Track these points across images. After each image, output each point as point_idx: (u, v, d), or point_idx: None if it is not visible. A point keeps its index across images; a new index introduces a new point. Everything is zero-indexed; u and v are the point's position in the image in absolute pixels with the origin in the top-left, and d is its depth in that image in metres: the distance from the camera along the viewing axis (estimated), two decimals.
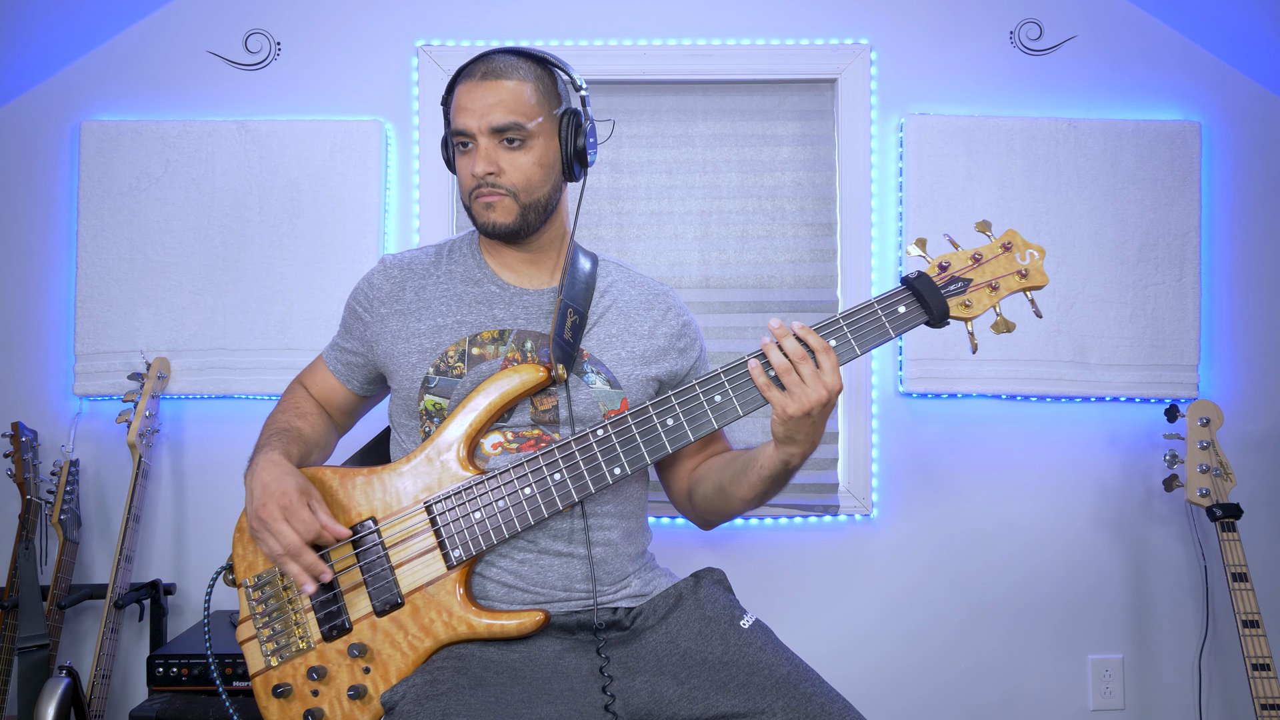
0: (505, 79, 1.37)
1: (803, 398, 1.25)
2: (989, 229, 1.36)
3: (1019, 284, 1.35)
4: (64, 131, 2.30)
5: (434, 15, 2.32)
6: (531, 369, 1.37)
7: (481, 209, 1.40)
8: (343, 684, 1.32)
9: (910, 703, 2.32)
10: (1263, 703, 1.94)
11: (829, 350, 1.26)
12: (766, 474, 1.35)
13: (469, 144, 1.39)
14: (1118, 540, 2.35)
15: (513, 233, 1.41)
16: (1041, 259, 1.35)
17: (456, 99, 1.40)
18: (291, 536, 1.26)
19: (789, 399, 1.25)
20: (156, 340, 2.24)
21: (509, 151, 1.38)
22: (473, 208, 1.41)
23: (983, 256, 1.35)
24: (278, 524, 1.26)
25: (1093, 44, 2.35)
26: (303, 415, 1.51)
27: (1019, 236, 1.36)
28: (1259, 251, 2.36)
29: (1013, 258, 1.35)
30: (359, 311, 1.49)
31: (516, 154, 1.38)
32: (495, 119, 1.36)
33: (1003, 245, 1.35)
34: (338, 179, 2.26)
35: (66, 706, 1.72)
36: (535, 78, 1.40)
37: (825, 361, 1.26)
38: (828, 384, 1.25)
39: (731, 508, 1.46)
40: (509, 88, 1.37)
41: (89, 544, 2.29)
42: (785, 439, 1.29)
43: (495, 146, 1.37)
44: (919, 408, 2.35)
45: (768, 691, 1.26)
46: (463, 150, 1.41)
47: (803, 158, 2.34)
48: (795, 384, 1.25)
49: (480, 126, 1.37)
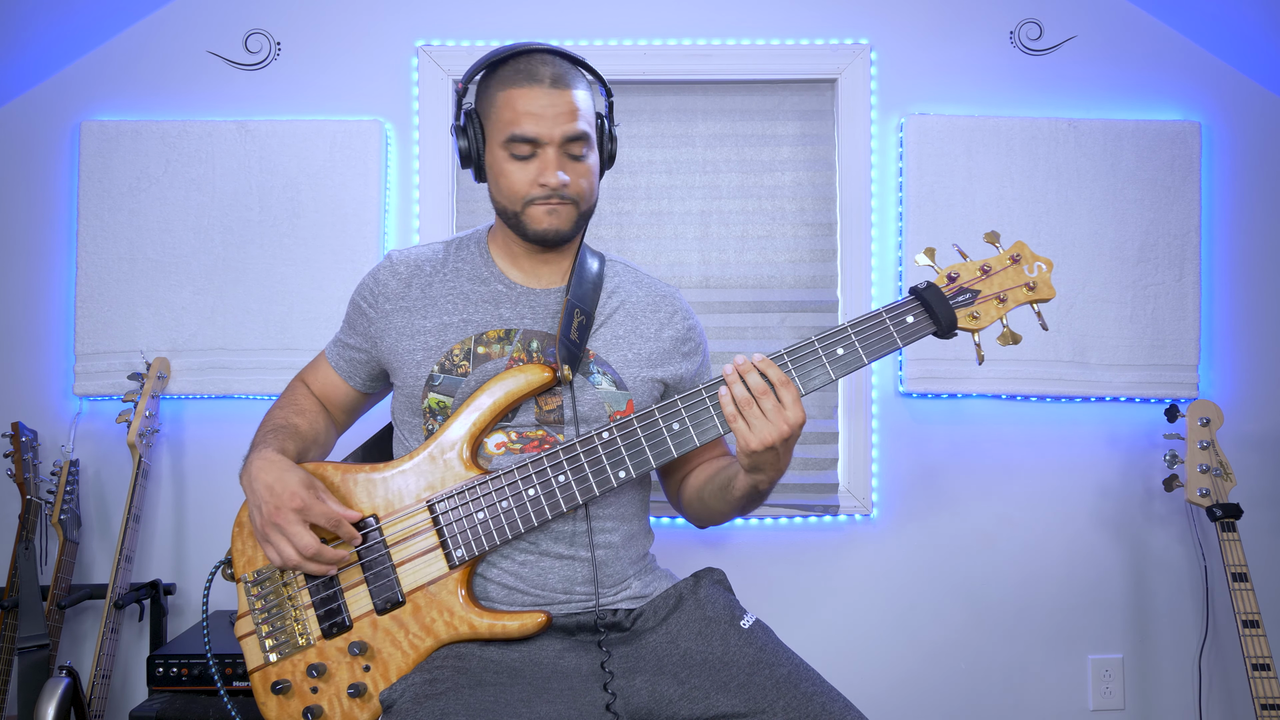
0: (573, 88, 1.36)
1: (764, 432, 1.24)
2: (998, 240, 1.36)
3: (1027, 296, 1.35)
4: (64, 131, 2.30)
5: (434, 15, 2.32)
6: (537, 369, 1.37)
7: (541, 215, 1.37)
8: (342, 681, 1.32)
9: (910, 703, 2.32)
10: (1263, 703, 1.94)
11: (788, 384, 1.26)
12: (739, 495, 1.37)
13: (532, 152, 1.35)
14: (1118, 540, 2.35)
15: (565, 240, 1.41)
16: (1049, 271, 1.35)
17: (515, 102, 1.34)
18: (309, 539, 1.25)
19: (751, 434, 1.25)
20: (156, 340, 2.24)
21: (573, 161, 1.37)
22: (525, 214, 1.38)
23: (991, 268, 1.35)
24: (294, 526, 1.25)
25: (1093, 44, 2.35)
26: (301, 412, 1.49)
27: (1027, 248, 1.36)
28: (1259, 251, 2.37)
29: (1021, 270, 1.35)
30: (364, 307, 1.48)
31: (579, 163, 1.38)
32: (569, 128, 1.35)
33: (1011, 257, 1.36)
34: (338, 179, 2.26)
35: (66, 706, 1.72)
36: (588, 85, 1.41)
37: (786, 395, 1.25)
38: (789, 419, 1.25)
39: (713, 519, 1.50)
40: (579, 97, 1.36)
41: (89, 544, 2.29)
42: (751, 469, 1.30)
43: (561, 155, 1.36)
44: (919, 408, 2.35)
45: (768, 691, 1.26)
46: (517, 157, 1.36)
47: (803, 158, 2.34)
48: (756, 418, 1.25)
49: (553, 135, 1.34)
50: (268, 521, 1.27)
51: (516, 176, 1.37)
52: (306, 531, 1.26)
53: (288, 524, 1.26)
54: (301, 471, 1.32)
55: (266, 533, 1.28)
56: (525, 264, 1.46)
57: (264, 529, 1.28)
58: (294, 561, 1.26)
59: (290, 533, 1.26)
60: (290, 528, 1.26)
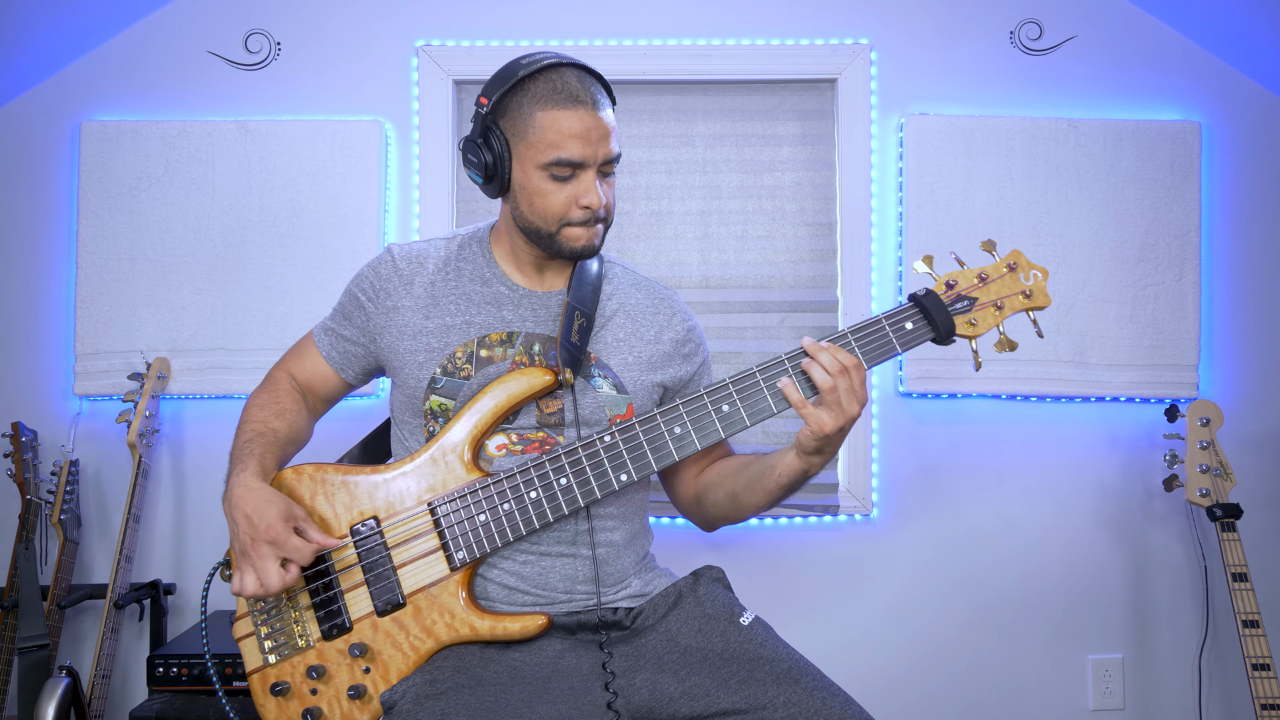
0: (607, 109, 1.36)
1: (840, 413, 1.26)
2: (994, 248, 1.38)
3: (1023, 304, 1.37)
4: (64, 131, 2.30)
5: (434, 15, 2.32)
6: (539, 373, 1.37)
7: (580, 234, 1.36)
8: (342, 683, 1.32)
9: (910, 702, 2.32)
10: (1263, 703, 1.94)
11: (860, 366, 1.29)
12: (784, 481, 1.36)
13: (572, 174, 1.34)
14: (1118, 540, 2.35)
15: (594, 254, 1.42)
16: (1045, 280, 1.38)
17: (559, 124, 1.31)
18: (274, 577, 1.25)
19: (827, 414, 1.26)
20: (156, 340, 2.24)
21: (605, 179, 1.38)
22: (562, 234, 1.36)
23: (988, 276, 1.37)
24: (264, 561, 1.25)
25: (1093, 44, 2.35)
26: (281, 413, 1.46)
27: (1024, 257, 1.38)
28: (1259, 251, 2.37)
29: (1017, 278, 1.37)
30: (362, 301, 1.46)
31: (609, 181, 1.39)
32: (609, 150, 1.35)
33: (1008, 265, 1.38)
34: (338, 179, 2.26)
35: (66, 706, 1.72)
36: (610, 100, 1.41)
37: (857, 377, 1.28)
38: (860, 398, 1.28)
39: (744, 514, 1.47)
40: (610, 116, 1.36)
41: (89, 544, 2.29)
42: (814, 450, 1.30)
43: (599, 176, 1.36)
44: (919, 408, 2.35)
45: (769, 687, 1.26)
46: (558, 179, 1.34)
47: (803, 158, 2.34)
48: (835, 401, 1.27)
49: (597, 157, 1.34)
50: (242, 551, 1.27)
51: (555, 198, 1.35)
52: (275, 568, 1.25)
53: (260, 557, 1.25)
54: (281, 502, 1.29)
55: (240, 561, 1.28)
56: (528, 266, 1.46)
57: (239, 556, 1.28)
58: (250, 592, 1.26)
59: (259, 567, 1.25)
60: (260, 562, 1.25)
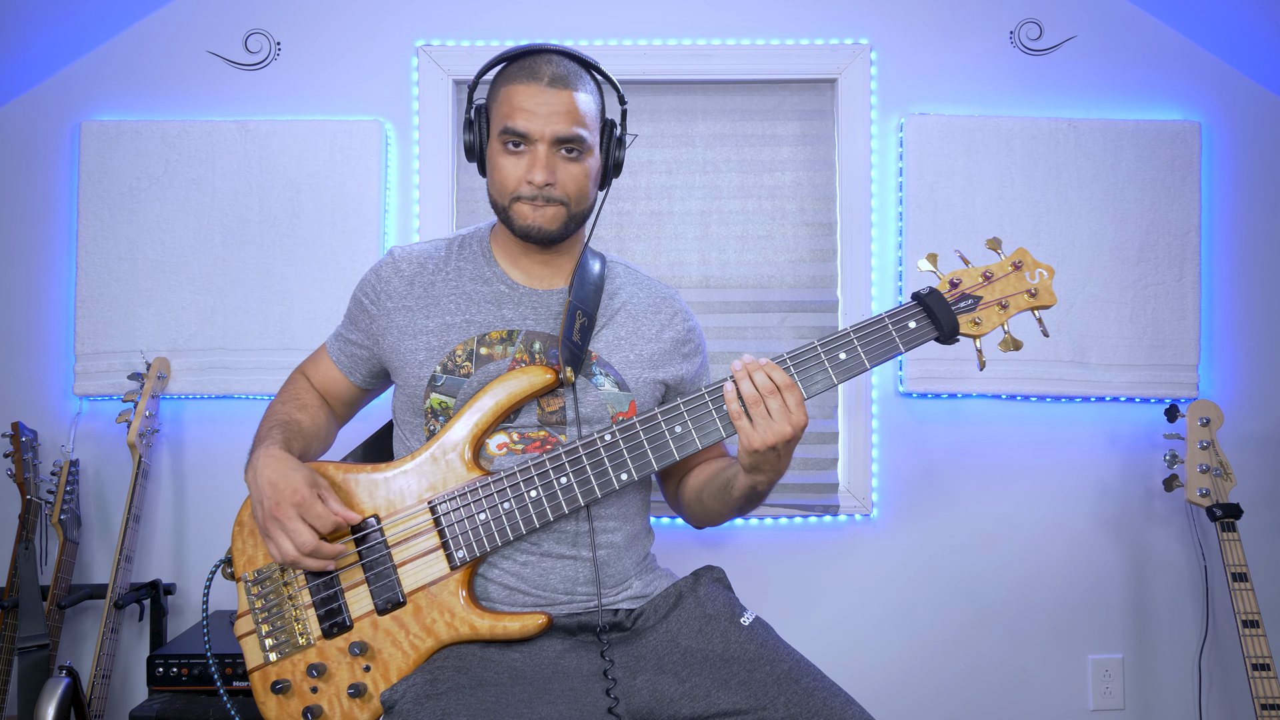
0: (573, 89, 1.36)
1: (768, 432, 1.26)
2: (999, 247, 1.36)
3: (1028, 303, 1.36)
4: (64, 131, 2.30)
5: (434, 15, 2.32)
6: (539, 371, 1.37)
7: (527, 212, 1.37)
8: (342, 682, 1.32)
9: (910, 702, 2.32)
10: (1263, 703, 1.94)
11: (794, 387, 1.27)
12: (738, 496, 1.38)
13: (521, 145, 1.36)
14: (1118, 540, 2.35)
15: (552, 240, 1.41)
16: (1050, 278, 1.36)
17: (512, 97, 1.36)
18: (307, 535, 1.25)
19: (754, 432, 1.26)
20: (156, 340, 2.24)
21: (565, 161, 1.37)
22: (512, 209, 1.38)
23: (993, 274, 1.36)
24: (293, 522, 1.25)
25: (1093, 44, 2.35)
26: (303, 407, 1.49)
27: (1029, 255, 1.37)
28: (1259, 251, 2.37)
29: (1022, 276, 1.36)
30: (365, 304, 1.48)
31: (572, 165, 1.38)
32: (561, 129, 1.35)
33: (1013, 264, 1.36)
34: (338, 179, 2.26)
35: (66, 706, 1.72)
36: (594, 90, 1.41)
37: (790, 398, 1.26)
38: (793, 421, 1.26)
39: (713, 520, 1.50)
40: (576, 99, 1.36)
41: (89, 544, 2.29)
42: (751, 468, 1.31)
43: (553, 155, 1.36)
44: (919, 408, 2.35)
45: (769, 687, 1.26)
46: (512, 150, 1.37)
47: (803, 158, 2.34)
48: (762, 417, 1.26)
49: (544, 133, 1.34)
50: (269, 516, 1.27)
51: (507, 171, 1.38)
52: (305, 528, 1.25)
53: (287, 519, 1.25)
54: (306, 470, 1.31)
55: (267, 527, 1.28)
56: (527, 264, 1.46)
57: (265, 524, 1.28)
58: (292, 557, 1.26)
59: (289, 529, 1.25)
60: (290, 523, 1.25)
